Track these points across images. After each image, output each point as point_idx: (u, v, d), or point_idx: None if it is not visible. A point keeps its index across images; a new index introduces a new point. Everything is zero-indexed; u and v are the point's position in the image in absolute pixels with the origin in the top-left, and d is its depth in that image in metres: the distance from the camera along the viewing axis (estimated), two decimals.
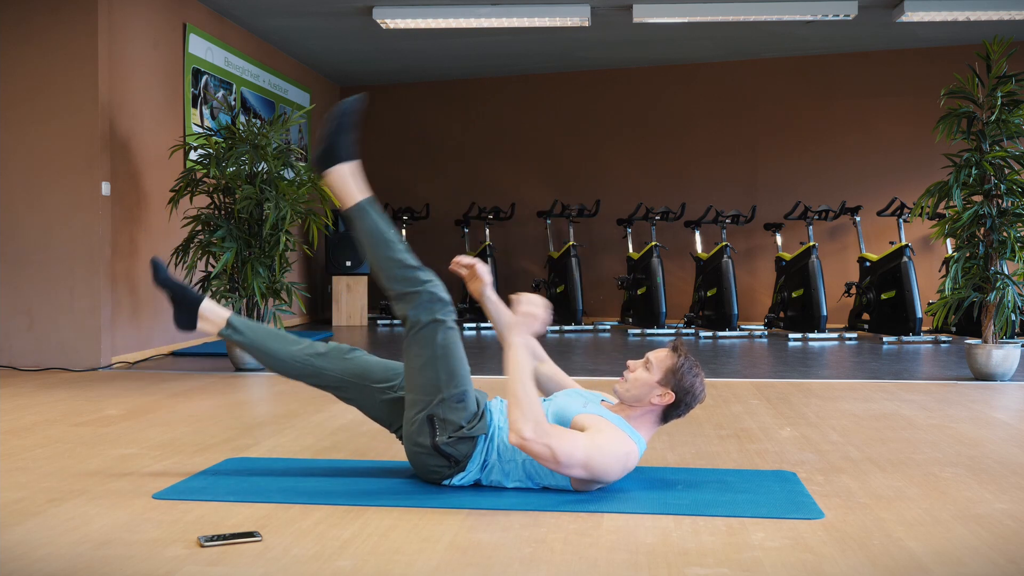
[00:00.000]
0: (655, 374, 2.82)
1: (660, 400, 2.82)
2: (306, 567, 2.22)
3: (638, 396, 2.83)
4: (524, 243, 10.24)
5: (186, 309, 3.17)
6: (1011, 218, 5.37)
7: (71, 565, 2.23)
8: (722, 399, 4.72)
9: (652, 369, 2.83)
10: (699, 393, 2.84)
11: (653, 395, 2.82)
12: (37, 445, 3.59)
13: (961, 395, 4.89)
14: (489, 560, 2.26)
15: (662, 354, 2.85)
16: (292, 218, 5.78)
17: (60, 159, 5.91)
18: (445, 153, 10.45)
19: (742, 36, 8.67)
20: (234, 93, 7.96)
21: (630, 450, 2.76)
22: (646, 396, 2.82)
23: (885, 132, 9.57)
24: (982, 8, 7.30)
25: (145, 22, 6.59)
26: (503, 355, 2.83)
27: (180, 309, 3.18)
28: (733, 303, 8.28)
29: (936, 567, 2.23)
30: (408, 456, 2.89)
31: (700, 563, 2.24)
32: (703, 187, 9.77)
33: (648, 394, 2.82)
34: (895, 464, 3.29)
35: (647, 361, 2.86)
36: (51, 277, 5.92)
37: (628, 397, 2.86)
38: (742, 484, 2.97)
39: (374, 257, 2.96)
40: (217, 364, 6.12)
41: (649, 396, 2.82)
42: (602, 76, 10.10)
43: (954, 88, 5.56)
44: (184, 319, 3.17)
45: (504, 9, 7.39)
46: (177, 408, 4.44)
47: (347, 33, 8.32)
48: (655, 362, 2.84)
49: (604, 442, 2.71)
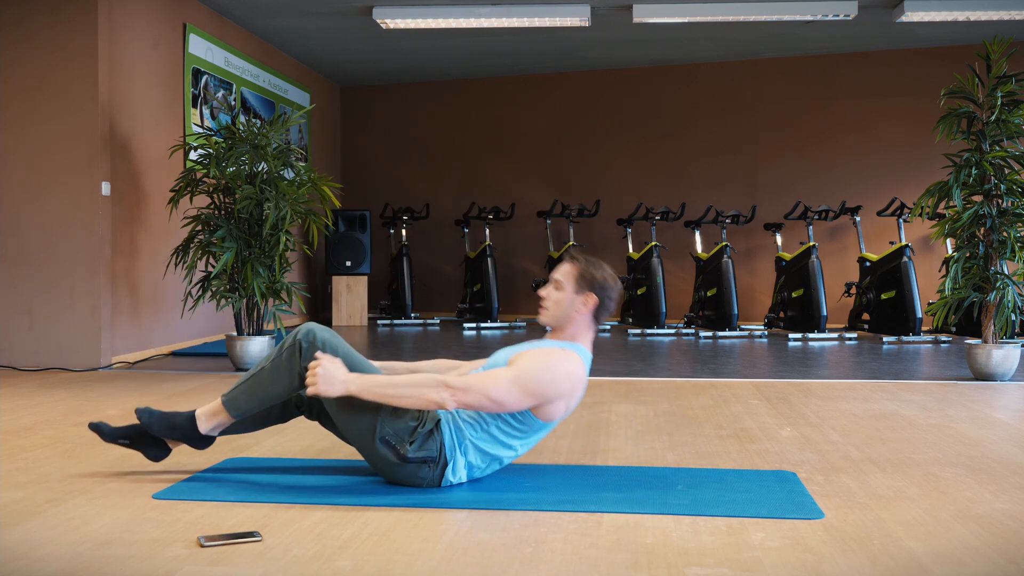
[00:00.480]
0: (568, 288, 2.97)
1: (585, 307, 2.96)
2: (306, 567, 2.22)
3: (564, 314, 2.97)
4: (524, 243, 10.24)
5: (152, 442, 3.05)
6: (1011, 218, 5.37)
7: (71, 565, 2.23)
8: (722, 399, 4.72)
9: (563, 286, 2.97)
10: (613, 282, 3.00)
11: (576, 305, 2.96)
12: (37, 445, 3.59)
13: (961, 395, 4.89)
14: (489, 560, 2.26)
15: (564, 268, 3.00)
16: (292, 218, 5.78)
17: (60, 159, 5.91)
18: (445, 153, 10.45)
19: (742, 36, 8.67)
20: (234, 93, 7.96)
21: (568, 357, 2.88)
22: (570, 310, 2.96)
23: (885, 132, 9.57)
24: (982, 8, 7.30)
25: (145, 22, 6.59)
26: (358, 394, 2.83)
27: (147, 445, 3.05)
28: (733, 303, 8.28)
29: (936, 567, 2.23)
30: (399, 482, 2.90)
31: (700, 563, 2.24)
32: (703, 187, 9.77)
33: (571, 307, 2.96)
34: (895, 464, 3.29)
35: (555, 283, 2.99)
36: (51, 277, 5.92)
37: (555, 320, 2.99)
38: (742, 484, 2.97)
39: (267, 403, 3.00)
40: (217, 364, 6.12)
41: (573, 308, 2.96)
42: (602, 76, 10.10)
43: (954, 88, 5.56)
44: (156, 452, 3.07)
45: (504, 9, 7.39)
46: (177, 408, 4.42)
47: (347, 33, 8.32)
48: (562, 279, 2.98)
49: (528, 363, 2.84)
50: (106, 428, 3.05)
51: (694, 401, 4.66)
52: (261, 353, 5.83)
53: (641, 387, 5.14)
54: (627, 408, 4.44)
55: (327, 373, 2.77)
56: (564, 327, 2.98)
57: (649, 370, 5.95)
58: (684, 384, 5.27)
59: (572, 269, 2.99)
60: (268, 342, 5.86)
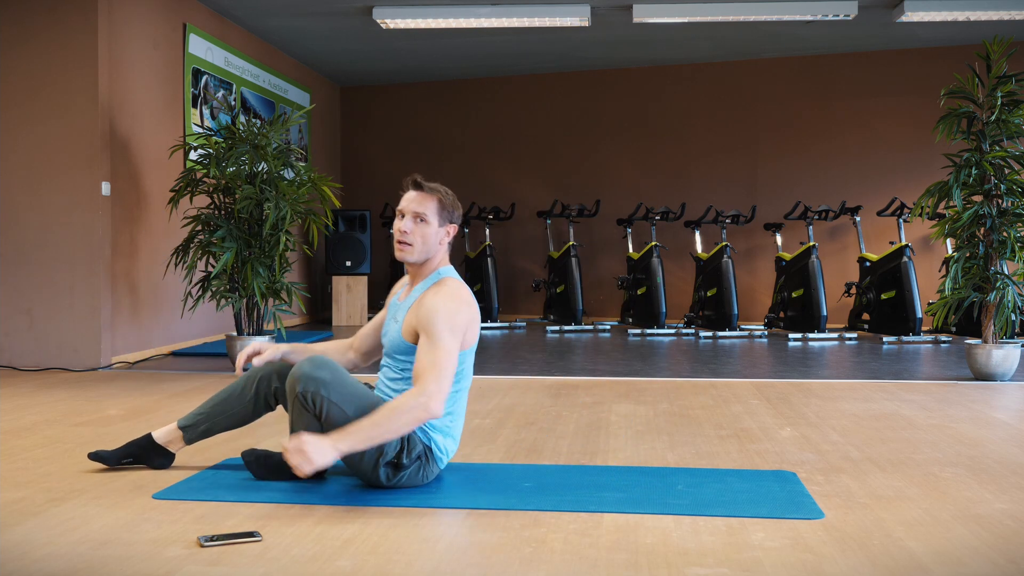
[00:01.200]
0: (433, 222, 2.94)
1: (448, 236, 3.00)
2: (306, 567, 2.22)
3: (431, 247, 2.96)
4: (524, 243, 10.24)
5: (156, 453, 3.14)
6: (1011, 218, 5.37)
7: (71, 565, 2.23)
8: (722, 399, 4.72)
9: (428, 219, 2.94)
10: (456, 202, 3.02)
11: (440, 237, 2.97)
12: (37, 445, 3.59)
13: (961, 395, 4.89)
14: (489, 560, 2.26)
15: (424, 201, 2.94)
16: (292, 218, 5.78)
17: (60, 159, 5.91)
18: (445, 153, 10.44)
19: (742, 36, 8.66)
20: (234, 93, 7.96)
21: (458, 287, 2.93)
22: (435, 243, 2.96)
23: (885, 132, 9.56)
24: (982, 8, 7.30)
25: (145, 22, 6.59)
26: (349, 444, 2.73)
27: (150, 457, 3.15)
28: (733, 303, 8.28)
29: (936, 567, 2.23)
30: (401, 487, 2.88)
31: (700, 563, 2.24)
32: (703, 187, 9.77)
33: (436, 240, 2.96)
34: (895, 464, 3.29)
35: (417, 216, 2.93)
36: (51, 277, 5.92)
37: (421, 255, 2.96)
38: (742, 484, 2.97)
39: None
40: (217, 364, 6.12)
41: (437, 240, 2.96)
42: (602, 76, 10.10)
43: (954, 88, 5.56)
44: (160, 460, 3.16)
45: (504, 9, 7.39)
46: (177, 408, 4.44)
47: (347, 33, 8.32)
48: (425, 212, 2.93)
49: (444, 318, 2.82)
50: (107, 453, 3.13)
51: (694, 401, 4.66)
52: None
53: (641, 387, 5.14)
54: (627, 408, 4.44)
55: (311, 451, 2.63)
56: (430, 260, 2.98)
57: (649, 370, 5.95)
58: (684, 384, 5.27)
59: (433, 202, 2.95)
60: (268, 342, 5.85)
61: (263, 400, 3.05)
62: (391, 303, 3.12)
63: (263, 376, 3.04)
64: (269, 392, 3.04)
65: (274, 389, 3.04)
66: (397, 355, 2.97)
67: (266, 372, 3.05)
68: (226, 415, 3.06)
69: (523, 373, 5.71)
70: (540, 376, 5.60)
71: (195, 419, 3.09)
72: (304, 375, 2.77)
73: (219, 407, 3.07)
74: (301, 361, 2.85)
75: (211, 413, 3.07)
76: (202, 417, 3.08)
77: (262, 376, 3.05)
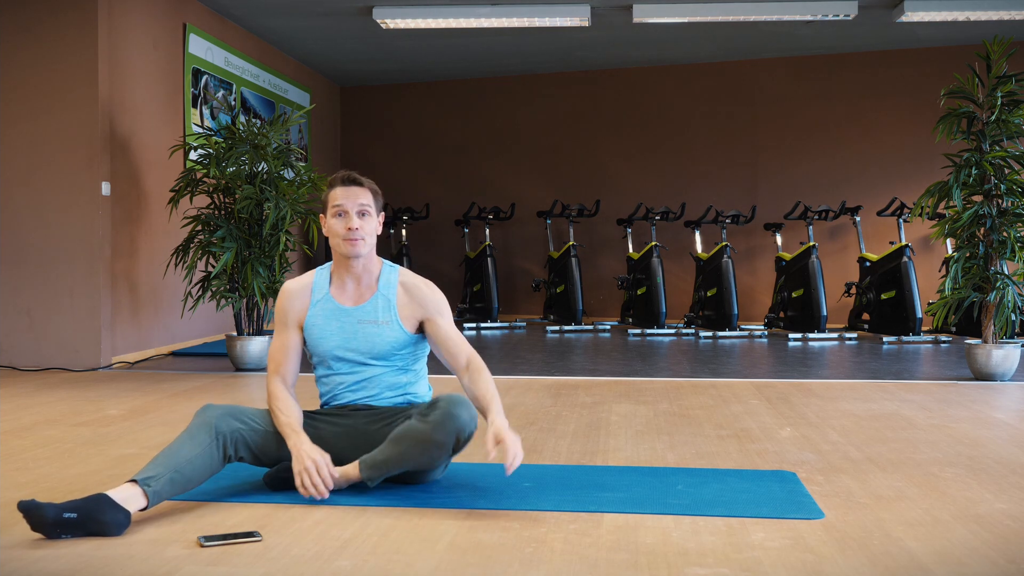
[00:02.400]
0: (374, 214, 2.93)
1: (381, 226, 2.99)
2: (306, 567, 2.22)
3: (375, 239, 2.95)
4: (524, 243, 10.23)
5: (107, 507, 2.43)
6: (1011, 218, 5.37)
7: (71, 565, 2.23)
8: (722, 399, 4.72)
9: (371, 211, 2.92)
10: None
11: (378, 228, 2.96)
12: (37, 445, 3.59)
13: (961, 395, 4.89)
14: (489, 560, 2.26)
15: (360, 194, 2.90)
16: (292, 218, 5.78)
17: (60, 159, 5.91)
18: (445, 153, 10.44)
19: (742, 36, 8.67)
20: (234, 93, 7.96)
21: (421, 278, 3.00)
22: (376, 234, 2.96)
23: (885, 132, 9.56)
24: (982, 8, 7.30)
25: (145, 22, 6.59)
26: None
27: (103, 516, 2.43)
28: (733, 303, 8.28)
29: (936, 567, 2.23)
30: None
31: (700, 563, 2.24)
32: (703, 187, 9.77)
33: (376, 232, 2.96)
34: (895, 464, 3.29)
35: (363, 209, 2.89)
36: (51, 277, 5.92)
37: (371, 247, 2.93)
38: (742, 484, 2.97)
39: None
40: (217, 364, 6.12)
41: (377, 231, 2.96)
42: (602, 76, 10.10)
43: (954, 88, 5.56)
44: (117, 521, 2.44)
45: (504, 9, 7.39)
46: (177, 408, 4.44)
47: (347, 33, 8.32)
48: (368, 205, 2.91)
49: (447, 307, 2.97)
50: (46, 514, 2.44)
51: (694, 401, 4.66)
52: (261, 353, 5.83)
53: (641, 387, 5.14)
54: (627, 408, 4.44)
55: (516, 439, 2.65)
56: (371, 255, 2.96)
57: (649, 370, 5.95)
58: (684, 384, 5.27)
59: (368, 193, 2.91)
60: (268, 342, 5.86)
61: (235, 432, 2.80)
62: (329, 310, 2.93)
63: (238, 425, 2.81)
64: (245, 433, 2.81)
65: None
66: (398, 352, 2.95)
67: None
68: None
69: (523, 373, 5.71)
70: (540, 376, 5.60)
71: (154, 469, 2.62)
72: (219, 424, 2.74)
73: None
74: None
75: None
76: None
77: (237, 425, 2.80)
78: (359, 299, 2.95)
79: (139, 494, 2.49)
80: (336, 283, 2.98)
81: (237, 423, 2.78)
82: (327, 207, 2.92)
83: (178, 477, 2.59)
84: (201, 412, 2.78)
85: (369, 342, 2.92)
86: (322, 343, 2.94)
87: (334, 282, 2.98)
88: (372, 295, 2.95)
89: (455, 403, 2.73)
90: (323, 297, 2.97)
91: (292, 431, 2.80)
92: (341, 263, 2.95)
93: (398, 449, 2.74)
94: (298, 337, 2.98)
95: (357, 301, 2.95)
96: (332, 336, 2.93)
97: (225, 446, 2.73)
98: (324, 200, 2.95)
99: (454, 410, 2.71)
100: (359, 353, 2.93)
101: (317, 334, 2.95)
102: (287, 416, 2.84)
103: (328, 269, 3.02)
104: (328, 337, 2.93)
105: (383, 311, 2.93)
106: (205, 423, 2.73)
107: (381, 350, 2.93)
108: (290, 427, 2.81)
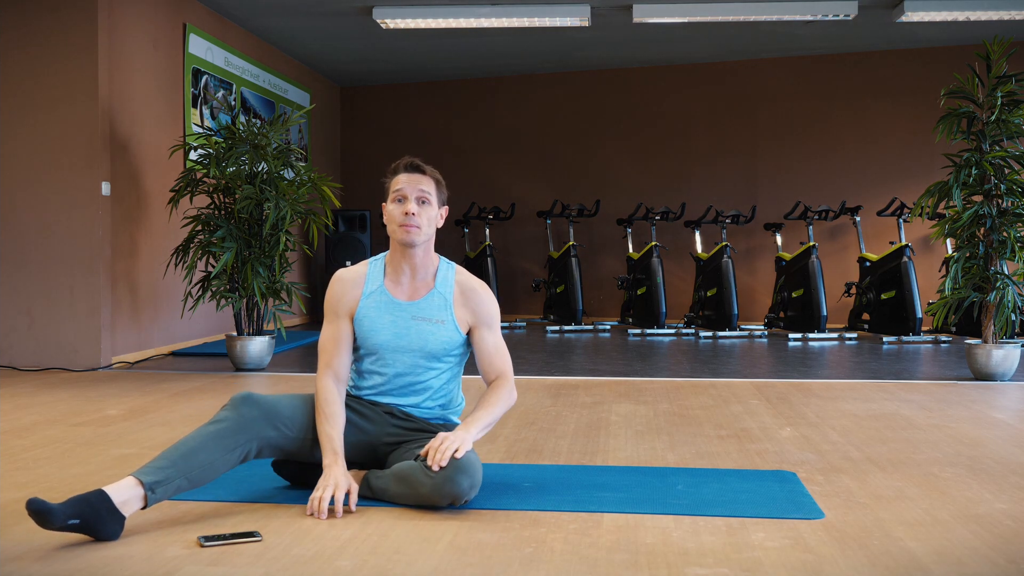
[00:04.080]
0: (435, 203, 2.84)
1: (442, 220, 2.89)
2: (306, 567, 2.22)
3: (432, 230, 2.84)
4: (524, 243, 10.24)
5: (106, 515, 2.37)
6: (1011, 218, 5.37)
7: (71, 565, 2.23)
8: (722, 399, 4.72)
9: (431, 199, 2.82)
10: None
11: (438, 220, 2.87)
12: (37, 445, 3.59)
13: (961, 395, 4.89)
14: (489, 560, 2.26)
15: (423, 181, 2.82)
16: (292, 218, 5.78)
17: (60, 159, 5.91)
18: (445, 153, 10.43)
19: (742, 36, 8.67)
20: (234, 93, 7.96)
21: (478, 280, 2.91)
22: (435, 225, 2.85)
23: (885, 132, 9.56)
24: (982, 8, 7.30)
25: (145, 22, 6.59)
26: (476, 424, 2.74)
27: (102, 527, 2.37)
28: (733, 303, 8.28)
29: (936, 567, 2.23)
30: None
31: (700, 563, 2.24)
32: (703, 187, 9.77)
33: (435, 222, 2.85)
34: (895, 464, 3.29)
35: (423, 196, 2.80)
36: (51, 277, 5.92)
37: (427, 236, 2.82)
38: (742, 484, 2.97)
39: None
40: (217, 364, 6.12)
41: (436, 223, 2.86)
42: (602, 76, 10.10)
43: (954, 88, 5.56)
44: (113, 532, 2.39)
45: (504, 9, 7.39)
46: (177, 408, 4.44)
47: (347, 33, 8.32)
48: (429, 192, 2.82)
49: (497, 315, 2.91)
50: (55, 515, 2.40)
51: (694, 401, 4.66)
52: (261, 353, 5.83)
53: (641, 387, 5.14)
54: (627, 408, 4.44)
55: (457, 440, 2.60)
56: (428, 247, 2.85)
57: (649, 370, 5.95)
58: (684, 384, 5.27)
59: (430, 181, 2.83)
60: (268, 342, 5.86)
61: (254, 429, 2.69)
62: (383, 302, 2.82)
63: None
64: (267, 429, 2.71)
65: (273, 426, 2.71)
66: (451, 353, 2.86)
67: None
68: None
69: (523, 373, 5.71)
70: (540, 376, 5.60)
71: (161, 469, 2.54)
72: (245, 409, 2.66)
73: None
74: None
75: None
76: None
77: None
78: (414, 294, 2.84)
79: (140, 496, 2.42)
80: (391, 275, 2.85)
81: (272, 431, 2.67)
82: (388, 193, 2.84)
83: (186, 484, 2.51)
84: (237, 406, 2.65)
85: (422, 339, 2.81)
86: (372, 336, 2.81)
87: (388, 274, 2.86)
88: (428, 291, 2.84)
89: (460, 469, 2.58)
90: (377, 289, 2.84)
91: (331, 451, 2.67)
92: (397, 253, 2.83)
93: (396, 489, 2.69)
94: (349, 328, 2.83)
95: (412, 296, 2.84)
96: (383, 330, 2.81)
97: (249, 453, 2.64)
98: (386, 186, 2.87)
99: (456, 476, 2.57)
100: (410, 352, 2.82)
101: (368, 326, 2.81)
102: (332, 429, 2.70)
103: (382, 260, 2.89)
104: (379, 331, 2.81)
105: (439, 310, 2.82)
106: (240, 426, 2.61)
107: (434, 349, 2.82)
108: (331, 447, 2.68)
